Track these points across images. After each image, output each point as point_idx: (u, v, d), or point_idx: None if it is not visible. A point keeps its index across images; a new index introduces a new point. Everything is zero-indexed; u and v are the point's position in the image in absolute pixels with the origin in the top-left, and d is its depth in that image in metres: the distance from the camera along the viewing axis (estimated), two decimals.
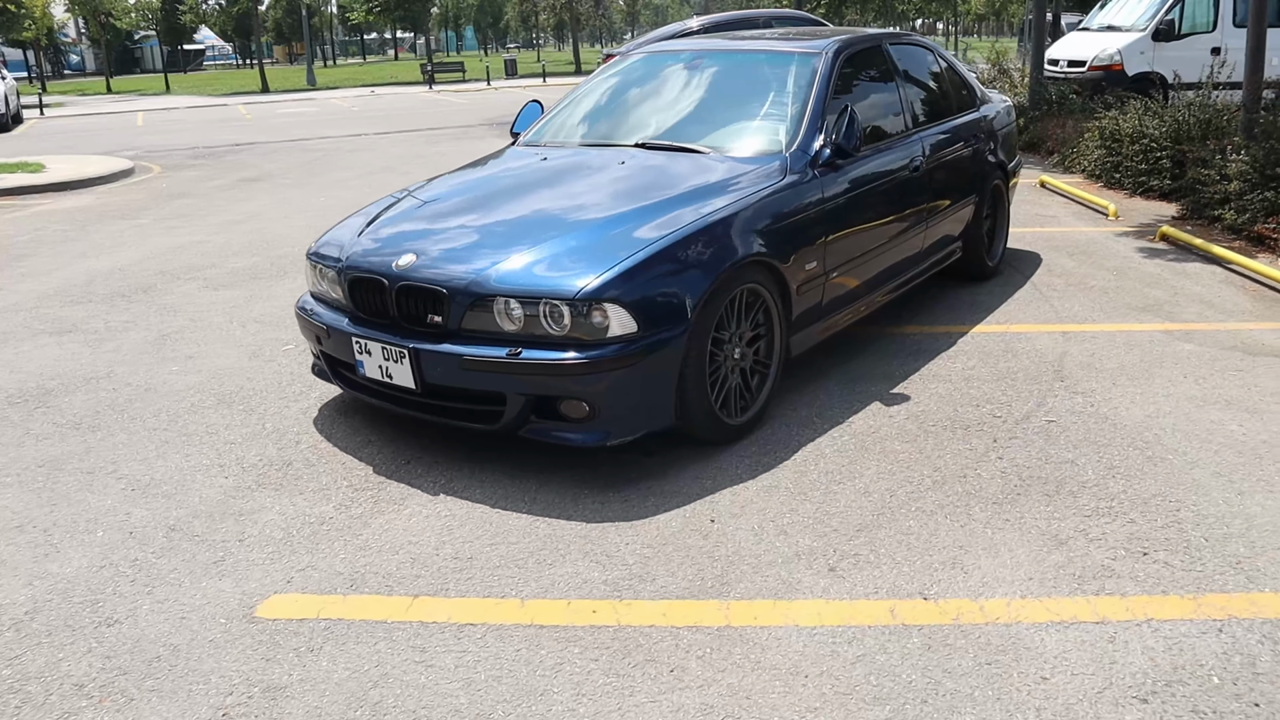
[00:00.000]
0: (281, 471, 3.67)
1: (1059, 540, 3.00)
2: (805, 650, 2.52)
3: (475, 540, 3.13)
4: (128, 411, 4.32)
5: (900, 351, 4.73)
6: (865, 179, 4.37)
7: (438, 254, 3.58)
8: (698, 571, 2.91)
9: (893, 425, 3.88)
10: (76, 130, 20.32)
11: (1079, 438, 3.72)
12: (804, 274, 3.94)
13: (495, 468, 3.61)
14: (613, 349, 3.25)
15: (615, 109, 4.82)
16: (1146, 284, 5.85)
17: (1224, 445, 3.63)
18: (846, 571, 2.87)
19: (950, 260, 5.55)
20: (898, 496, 3.30)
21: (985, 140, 5.70)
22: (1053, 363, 4.54)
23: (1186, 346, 4.74)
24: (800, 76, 4.44)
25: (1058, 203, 8.57)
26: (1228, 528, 3.04)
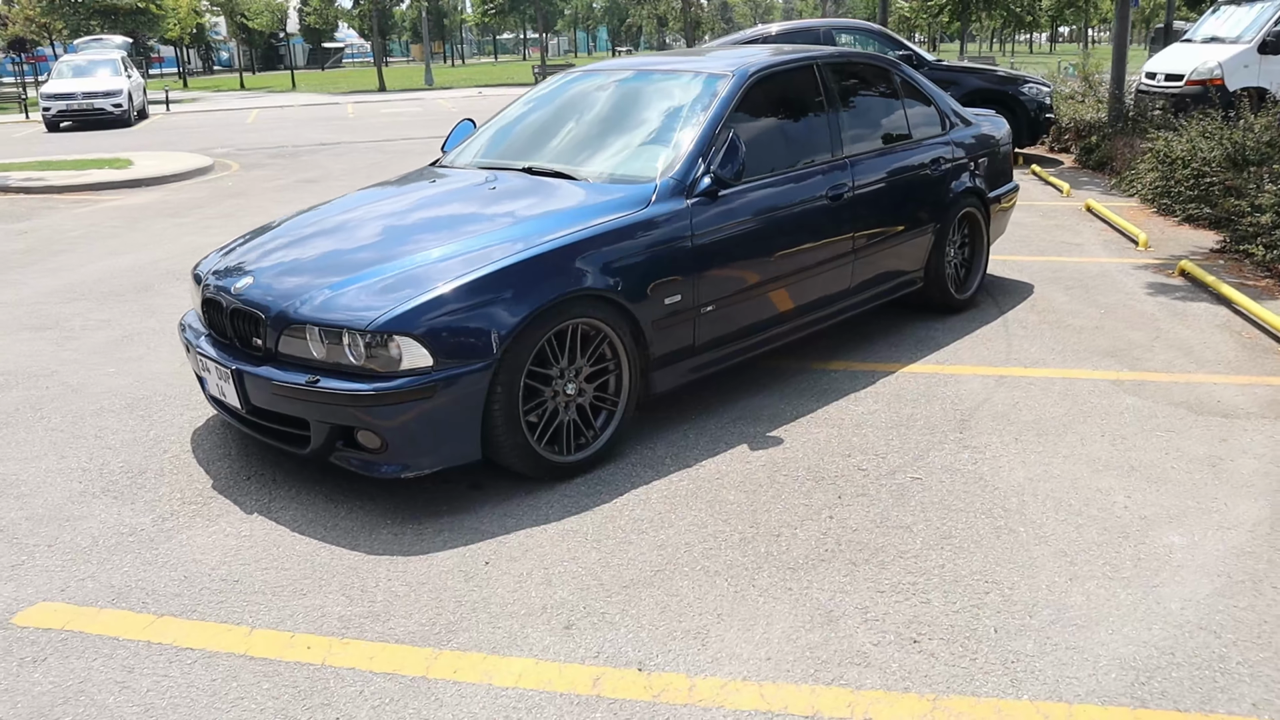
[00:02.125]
0: (131, 480, 3.76)
1: (830, 617, 2.76)
2: (480, 713, 2.39)
3: (253, 563, 3.12)
4: (42, 410, 4.51)
5: (807, 390, 4.48)
6: (760, 209, 4.15)
7: (270, 279, 3.59)
8: (434, 616, 2.81)
9: (742, 472, 3.66)
10: (190, 126, 21.57)
11: (934, 499, 3.43)
12: (663, 309, 3.76)
13: (320, 490, 3.60)
14: (403, 381, 3.18)
15: (525, 129, 4.74)
16: (1131, 325, 5.37)
17: (1092, 520, 3.27)
18: (581, 631, 2.72)
19: (904, 292, 5.23)
20: (692, 552, 3.11)
21: (954, 166, 5.34)
22: (966, 411, 4.21)
23: (1128, 400, 4.32)
24: (700, 99, 4.25)
25: (1093, 229, 7.98)
26: (1030, 619, 2.73)
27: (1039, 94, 11.23)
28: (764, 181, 4.23)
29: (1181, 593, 2.84)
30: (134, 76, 22.56)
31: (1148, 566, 2.98)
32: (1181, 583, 2.89)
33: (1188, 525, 3.23)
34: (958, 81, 11.24)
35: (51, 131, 20.10)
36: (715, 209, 3.96)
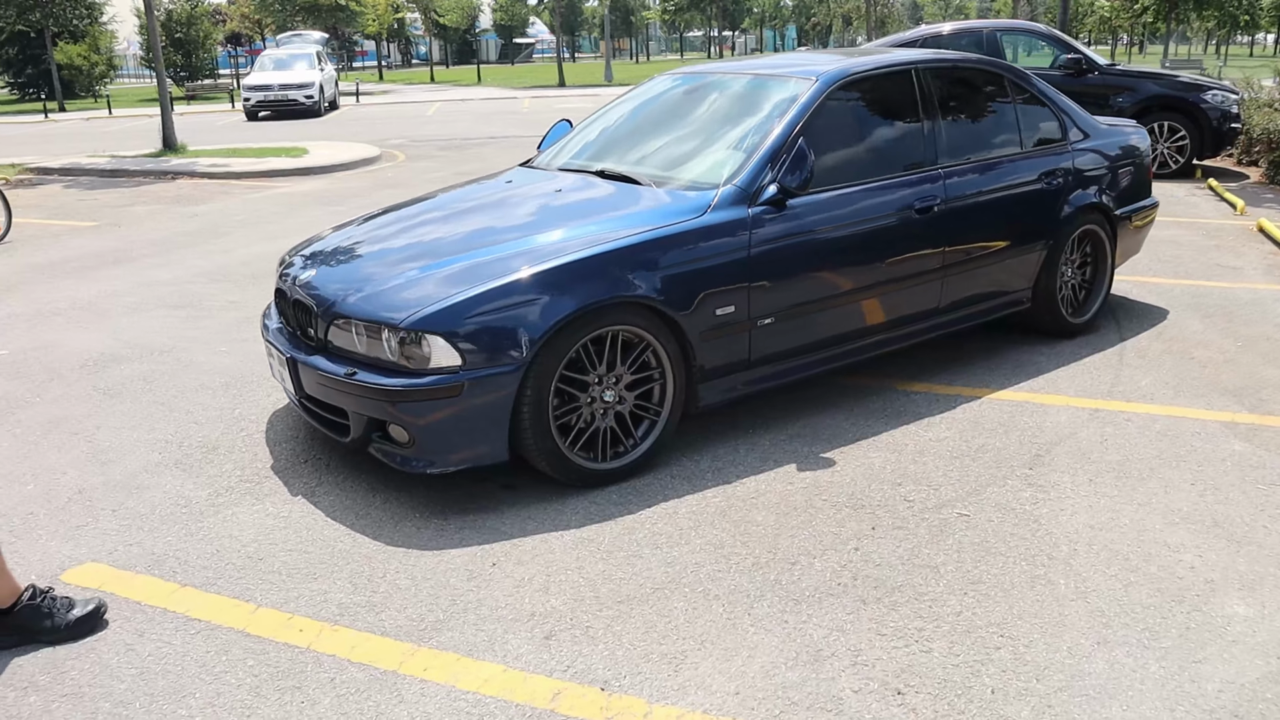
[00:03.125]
0: (203, 455, 4.02)
1: (818, 656, 2.61)
2: (433, 714, 2.41)
3: (280, 544, 3.27)
4: (152, 383, 4.89)
5: (879, 411, 4.27)
6: (832, 220, 3.98)
7: (328, 273, 3.74)
8: (425, 612, 2.86)
9: (780, 493, 3.53)
10: (373, 118, 22.84)
11: (974, 540, 3.19)
12: (714, 320, 3.67)
13: (364, 479, 3.73)
14: (432, 379, 3.25)
15: (611, 131, 4.72)
16: (1270, 361, 4.82)
17: (1148, 578, 2.96)
18: (559, 643, 2.69)
19: (1006, 313, 4.90)
20: (699, 573, 3.02)
21: (1073, 179, 4.95)
22: (1045, 445, 3.90)
23: (1237, 445, 3.88)
24: (779, 106, 4.12)
25: (1259, 252, 7.22)
26: (1037, 682, 2.50)
27: (1224, 102, 10.26)
28: (840, 192, 4.06)
29: (1225, 673, 2.53)
30: (327, 70, 24.14)
31: (1195, 638, 2.67)
32: (1229, 661, 2.57)
33: (1260, 596, 2.87)
34: (1133, 88, 10.45)
35: (250, 120, 21.79)
36: (781, 218, 3.83)
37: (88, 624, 2.79)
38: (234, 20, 34.27)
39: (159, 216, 9.87)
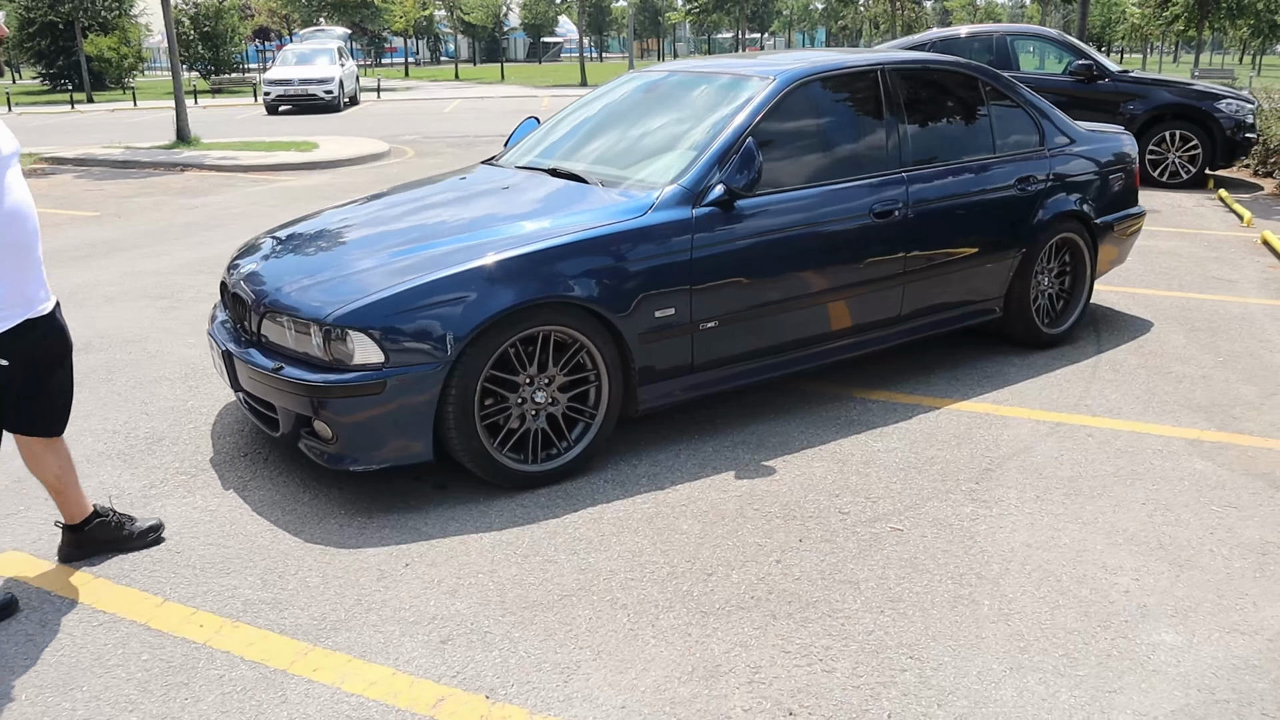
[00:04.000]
0: (147, 446, 3.99)
1: (715, 672, 2.53)
2: (313, 716, 2.36)
3: (201, 538, 3.23)
4: (114, 373, 4.89)
5: (834, 420, 4.16)
6: (783, 223, 3.89)
7: (268, 267, 3.71)
8: (328, 611, 2.81)
9: (711, 501, 3.45)
10: (391, 114, 22.90)
11: (903, 555, 3.09)
12: (653, 322, 3.59)
13: (298, 475, 3.69)
14: (354, 376, 3.20)
15: (572, 130, 4.65)
16: (1248, 378, 4.67)
17: (1077, 602, 2.85)
18: (454, 648, 2.63)
19: (975, 322, 4.78)
20: (611, 581, 2.95)
21: (1050, 186, 4.82)
22: (998, 459, 3.79)
23: (1198, 465, 3.75)
24: (734, 105, 4.03)
25: (1258, 265, 7.03)
26: (938, 708, 2.40)
27: (1238, 111, 10.02)
28: (793, 194, 3.97)
29: (1138, 704, 2.42)
30: (347, 65, 24.27)
31: (1114, 666, 2.56)
32: (1146, 692, 2.46)
33: (1192, 624, 2.75)
34: (1144, 95, 10.25)
35: (270, 114, 21.94)
36: (728, 220, 3.75)
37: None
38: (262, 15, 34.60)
39: (160, 208, 9.93)
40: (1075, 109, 10.15)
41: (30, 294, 2.72)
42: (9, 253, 2.64)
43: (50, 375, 2.85)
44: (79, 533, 3.06)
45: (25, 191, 2.71)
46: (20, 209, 2.66)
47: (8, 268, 2.64)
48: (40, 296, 2.76)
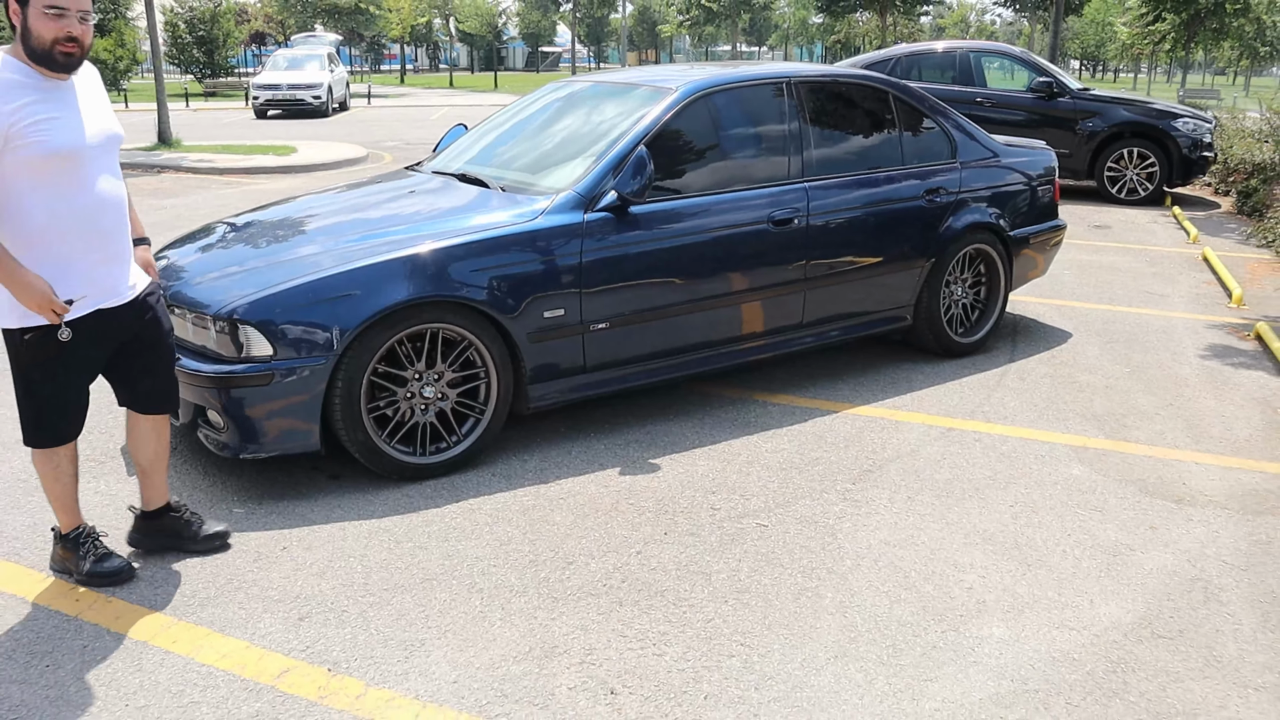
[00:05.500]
0: None
1: (551, 653, 2.65)
2: (162, 681, 2.47)
3: (96, 520, 3.32)
4: None
5: (730, 421, 4.28)
6: (677, 229, 4.02)
7: (181, 263, 3.83)
8: (200, 589, 2.93)
9: (590, 495, 3.56)
10: (377, 120, 23.05)
11: (761, 549, 3.21)
12: (542, 323, 3.72)
13: (201, 462, 3.81)
14: (243, 367, 3.33)
15: (491, 136, 4.79)
16: (1150, 388, 4.79)
17: (920, 596, 2.97)
18: (310, 625, 2.75)
19: (883, 330, 4.90)
20: (474, 567, 3.06)
21: (960, 198, 4.95)
22: (880, 461, 3.91)
23: (1075, 470, 3.87)
24: (636, 114, 4.16)
25: (1193, 281, 7.15)
26: (756, 691, 2.52)
27: (1196, 130, 10.16)
28: (689, 200, 4.10)
29: (949, 692, 2.53)
30: (337, 71, 24.47)
31: (936, 657, 2.67)
32: (959, 681, 2.57)
33: (1025, 620, 2.86)
34: (1101, 113, 10.40)
35: (259, 118, 22.09)
36: (620, 225, 3.87)
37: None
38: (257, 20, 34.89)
39: None
40: (1036, 125, 10.36)
41: (105, 284, 2.75)
42: (84, 243, 2.67)
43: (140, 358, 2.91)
44: (151, 520, 3.12)
45: (110, 185, 2.72)
46: (94, 205, 2.67)
47: (85, 257, 2.67)
48: (118, 288, 2.79)
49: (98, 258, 2.72)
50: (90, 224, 2.68)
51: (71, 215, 2.63)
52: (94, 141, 2.66)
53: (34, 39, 2.53)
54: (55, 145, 2.55)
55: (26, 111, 2.50)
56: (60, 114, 2.57)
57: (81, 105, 2.65)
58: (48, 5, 2.51)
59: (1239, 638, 2.79)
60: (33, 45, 2.53)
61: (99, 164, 2.68)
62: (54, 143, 2.54)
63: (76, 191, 2.63)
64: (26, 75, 2.55)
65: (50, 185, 2.58)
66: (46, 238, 2.61)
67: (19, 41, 2.55)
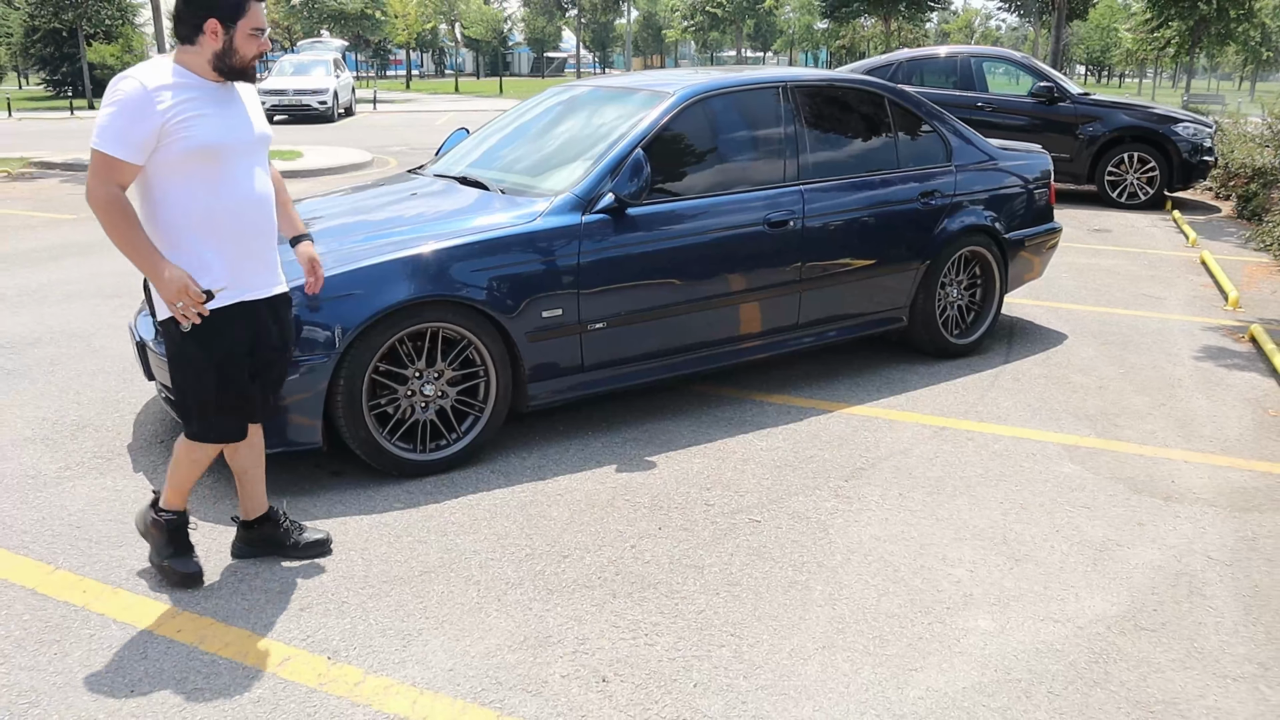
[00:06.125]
0: (71, 433, 4.19)
1: (545, 643, 2.71)
2: (170, 670, 2.54)
3: (104, 515, 3.42)
4: (56, 366, 5.08)
5: (726, 420, 4.35)
6: (673, 231, 4.09)
7: None
8: (205, 580, 2.99)
9: (587, 491, 3.63)
10: (383, 125, 23.20)
11: (754, 544, 3.27)
12: (541, 322, 3.79)
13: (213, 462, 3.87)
14: None
15: (492, 140, 4.86)
16: (1143, 389, 4.85)
17: (908, 590, 3.03)
18: (312, 615, 2.82)
19: (879, 330, 4.97)
20: (471, 561, 3.13)
21: (955, 201, 5.01)
22: (873, 460, 3.97)
23: (1066, 468, 3.92)
24: (634, 118, 4.24)
25: (1191, 284, 7.20)
26: (745, 680, 2.58)
27: (1196, 135, 10.21)
28: (686, 202, 4.17)
29: (933, 681, 2.59)
30: (343, 76, 24.61)
31: (922, 648, 2.73)
32: (944, 671, 2.63)
33: (1011, 611, 2.92)
34: (1101, 117, 10.45)
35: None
36: (618, 227, 3.95)
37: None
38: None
39: None
40: (1036, 130, 10.41)
41: (247, 279, 2.78)
42: (229, 239, 2.72)
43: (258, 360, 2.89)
44: (249, 530, 3.13)
45: (257, 183, 2.76)
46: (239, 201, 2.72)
47: (228, 252, 2.72)
48: (259, 283, 2.82)
49: (241, 253, 2.76)
50: (235, 220, 2.73)
51: (217, 210, 2.68)
52: (240, 139, 2.72)
53: (237, 57, 2.67)
54: (201, 140, 2.62)
55: (180, 109, 2.58)
56: (210, 111, 2.65)
57: (236, 107, 2.73)
58: (254, 28, 2.67)
59: (1221, 630, 2.84)
60: (233, 63, 2.67)
61: (246, 162, 2.74)
62: (200, 138, 2.61)
63: (222, 187, 2.69)
64: (192, 80, 2.64)
65: (198, 180, 2.64)
66: (193, 232, 2.67)
67: (196, 53, 2.65)
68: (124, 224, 2.59)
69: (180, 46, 2.68)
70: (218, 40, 2.65)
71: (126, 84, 2.58)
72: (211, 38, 2.64)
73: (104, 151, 2.55)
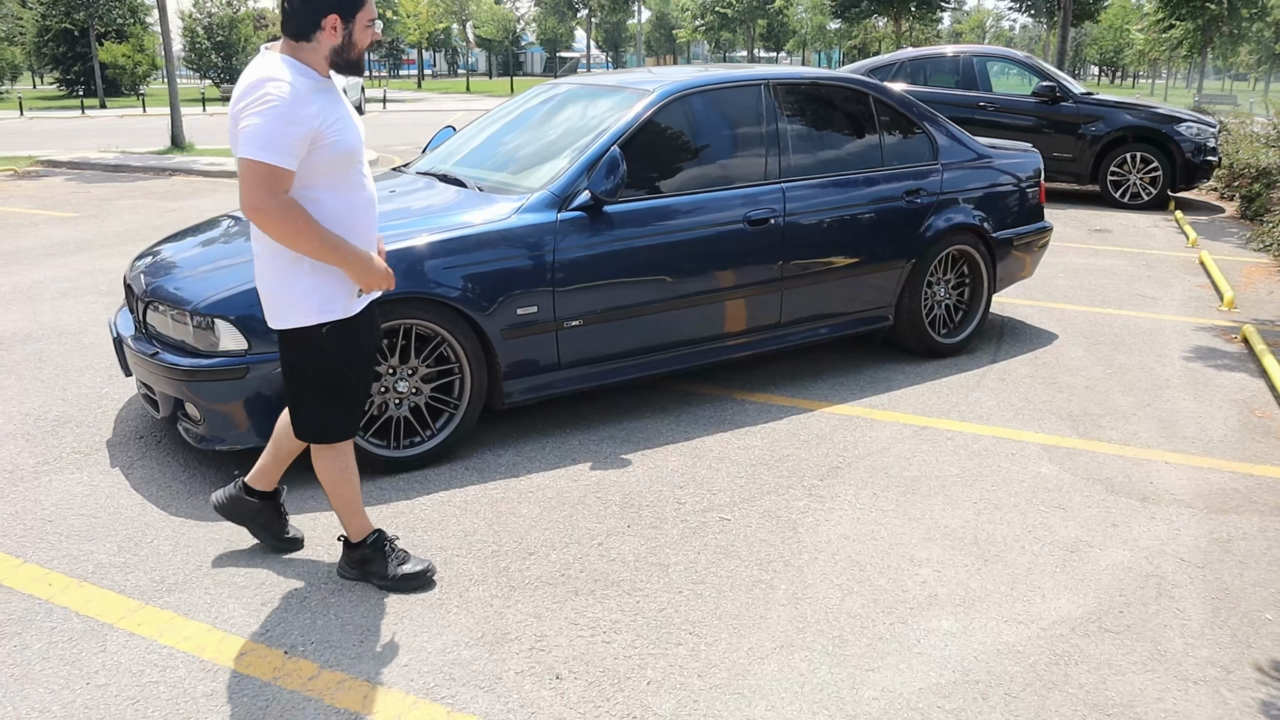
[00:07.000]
0: (51, 428, 4.21)
1: (503, 639, 2.71)
2: (125, 663, 2.55)
3: (77, 510, 3.44)
4: (44, 362, 5.11)
5: (706, 419, 4.34)
6: (650, 228, 4.08)
7: (162, 261, 3.93)
8: (169, 575, 3.01)
9: (559, 489, 3.63)
10: (392, 124, 23.31)
11: (722, 543, 3.26)
12: (515, 319, 3.79)
13: (183, 455, 3.90)
14: (218, 361, 3.42)
15: (475, 138, 4.86)
16: (1129, 389, 4.81)
17: (872, 589, 3.01)
18: (274, 611, 2.82)
19: (864, 330, 4.95)
20: (439, 556, 3.13)
21: (941, 199, 4.99)
22: (850, 459, 3.95)
23: (1044, 469, 3.90)
24: (614, 115, 4.23)
25: (1187, 284, 7.14)
26: (699, 679, 2.57)
27: (1199, 134, 10.13)
28: (663, 200, 4.16)
29: (889, 682, 2.57)
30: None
31: (881, 648, 2.72)
32: (901, 671, 2.62)
33: (974, 613, 2.90)
34: (1104, 117, 10.38)
35: None
36: (594, 224, 3.94)
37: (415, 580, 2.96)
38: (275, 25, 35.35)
39: (139, 210, 10.24)
40: (1039, 130, 10.36)
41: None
42: (361, 238, 2.68)
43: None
44: (250, 498, 3.09)
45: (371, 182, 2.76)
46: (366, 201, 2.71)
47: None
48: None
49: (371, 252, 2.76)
50: (364, 219, 2.73)
51: (352, 211, 2.67)
52: (363, 140, 2.71)
53: (354, 50, 2.64)
54: (347, 144, 2.60)
55: (326, 112, 2.54)
56: (344, 114, 2.63)
57: (347, 105, 2.71)
58: (370, 19, 2.66)
59: (1186, 633, 2.82)
60: (350, 56, 2.64)
61: (365, 162, 2.74)
62: (346, 142, 2.60)
63: (355, 188, 2.68)
64: (313, 78, 2.58)
65: (339, 183, 2.62)
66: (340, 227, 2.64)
67: (312, 49, 2.58)
68: (307, 224, 2.52)
69: (291, 43, 2.59)
70: (337, 35, 2.58)
71: (274, 88, 2.45)
72: (330, 33, 2.58)
73: (265, 162, 2.44)
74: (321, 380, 2.74)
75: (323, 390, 2.75)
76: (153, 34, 28.06)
